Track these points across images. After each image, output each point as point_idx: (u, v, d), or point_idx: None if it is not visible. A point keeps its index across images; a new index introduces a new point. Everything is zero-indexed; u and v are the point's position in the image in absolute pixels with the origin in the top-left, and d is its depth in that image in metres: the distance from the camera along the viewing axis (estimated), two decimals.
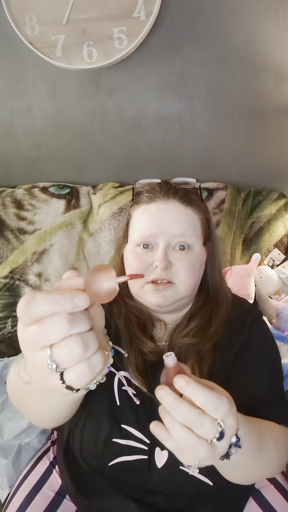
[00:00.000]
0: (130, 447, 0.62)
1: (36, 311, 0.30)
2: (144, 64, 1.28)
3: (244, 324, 0.69)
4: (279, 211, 1.30)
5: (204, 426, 0.37)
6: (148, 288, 0.63)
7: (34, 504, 0.69)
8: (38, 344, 0.31)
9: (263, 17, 1.19)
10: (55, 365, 0.31)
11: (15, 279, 1.26)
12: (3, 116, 1.42)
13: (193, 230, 0.64)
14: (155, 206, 0.65)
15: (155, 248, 0.63)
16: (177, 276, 0.62)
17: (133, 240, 0.66)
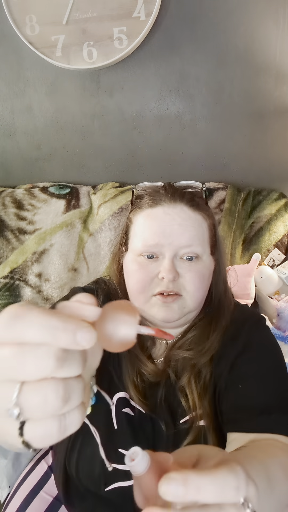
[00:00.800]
0: (128, 472, 0.58)
1: (22, 331, 0.22)
2: (144, 64, 1.28)
3: (243, 328, 0.64)
4: (279, 211, 1.30)
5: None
6: (155, 301, 0.58)
7: (31, 508, 0.68)
8: (6, 374, 0.23)
9: (263, 17, 1.19)
10: (18, 411, 0.22)
11: (15, 279, 1.26)
12: (3, 116, 1.42)
13: (202, 238, 0.60)
14: (160, 210, 0.59)
15: (160, 257, 0.58)
16: (185, 288, 0.57)
17: (135, 249, 0.60)
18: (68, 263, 1.28)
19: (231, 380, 0.60)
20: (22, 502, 0.69)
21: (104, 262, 1.29)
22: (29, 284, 1.26)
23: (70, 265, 1.28)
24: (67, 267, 1.27)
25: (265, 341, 0.65)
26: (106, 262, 1.29)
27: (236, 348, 0.62)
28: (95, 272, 1.29)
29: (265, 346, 0.64)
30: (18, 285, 1.26)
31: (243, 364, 0.61)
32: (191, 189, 0.63)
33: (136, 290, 0.59)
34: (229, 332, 0.64)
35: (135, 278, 0.59)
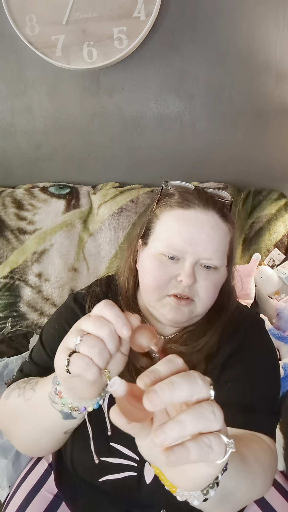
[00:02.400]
0: (119, 465, 0.61)
1: (103, 313, 0.40)
2: (144, 64, 1.28)
3: (240, 329, 0.66)
4: (279, 211, 1.30)
5: (215, 411, 0.31)
6: (168, 301, 0.59)
7: (32, 506, 0.69)
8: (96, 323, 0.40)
9: (263, 17, 1.18)
10: (79, 341, 0.39)
11: (15, 279, 1.26)
12: (3, 116, 1.42)
13: (223, 251, 0.61)
14: (193, 214, 0.59)
15: (181, 260, 0.59)
16: (198, 294, 0.59)
17: (158, 247, 0.60)
18: (68, 263, 1.28)
19: (222, 378, 0.61)
20: (23, 500, 0.70)
21: (104, 262, 1.29)
22: (29, 284, 1.26)
23: (70, 265, 1.28)
24: (67, 267, 1.27)
25: (260, 344, 0.66)
26: (106, 262, 1.29)
27: (231, 347, 0.63)
28: (95, 272, 1.29)
29: (259, 349, 0.65)
30: (18, 285, 1.26)
31: (235, 364, 0.62)
32: (221, 198, 0.64)
33: (152, 287, 0.60)
34: (226, 332, 0.65)
35: (153, 275, 0.60)
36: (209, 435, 0.31)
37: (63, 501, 0.71)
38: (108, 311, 0.40)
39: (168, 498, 0.60)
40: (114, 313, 0.40)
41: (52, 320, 0.71)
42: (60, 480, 0.72)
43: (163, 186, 0.65)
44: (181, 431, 0.30)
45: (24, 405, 0.55)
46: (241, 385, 0.60)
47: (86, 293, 0.71)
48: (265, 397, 0.61)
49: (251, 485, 0.48)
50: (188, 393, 0.31)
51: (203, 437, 0.31)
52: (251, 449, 0.51)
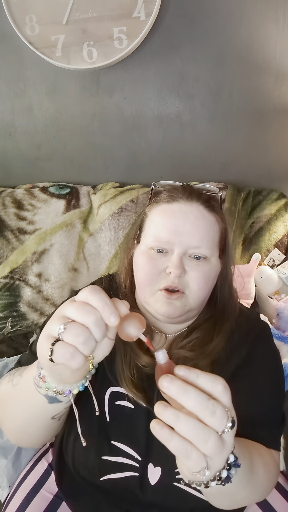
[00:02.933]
0: (120, 464, 0.60)
1: (88, 300, 0.39)
2: (144, 64, 1.28)
3: (247, 338, 0.65)
4: (279, 211, 1.30)
5: (216, 412, 0.34)
6: (159, 296, 0.59)
7: (32, 506, 0.69)
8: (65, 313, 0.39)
9: (263, 17, 1.19)
10: (62, 329, 0.38)
11: (15, 279, 1.26)
12: (3, 116, 1.42)
13: (212, 240, 0.61)
14: (176, 207, 0.61)
15: (170, 253, 0.59)
16: (188, 285, 0.59)
17: (147, 242, 0.62)
18: (68, 263, 1.28)
19: (230, 389, 0.60)
20: (23, 500, 0.70)
21: (104, 262, 1.29)
22: (29, 284, 1.26)
23: (70, 265, 1.28)
24: (67, 267, 1.27)
25: (267, 355, 0.66)
26: (106, 262, 1.29)
27: (239, 358, 0.63)
28: (95, 272, 1.29)
29: (266, 361, 0.65)
30: (18, 285, 1.26)
31: (244, 377, 0.62)
32: (208, 192, 0.65)
33: (143, 282, 0.61)
34: (234, 340, 0.65)
35: (143, 270, 0.61)
36: (194, 449, 0.34)
37: (63, 501, 0.71)
38: (94, 297, 0.38)
39: (172, 500, 0.60)
40: (101, 299, 0.38)
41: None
42: (61, 479, 0.72)
43: (153, 187, 0.67)
44: (182, 395, 0.35)
45: (12, 390, 0.55)
46: (248, 399, 0.59)
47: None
48: (271, 410, 0.61)
49: (253, 492, 0.50)
50: (193, 405, 0.35)
51: (189, 444, 0.34)
52: (263, 458, 0.52)
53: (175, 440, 0.34)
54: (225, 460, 0.37)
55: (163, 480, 0.59)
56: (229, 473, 0.38)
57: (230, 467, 0.38)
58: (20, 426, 0.56)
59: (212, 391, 0.36)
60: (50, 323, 0.39)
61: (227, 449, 0.36)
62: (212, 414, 0.34)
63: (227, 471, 0.38)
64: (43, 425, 0.54)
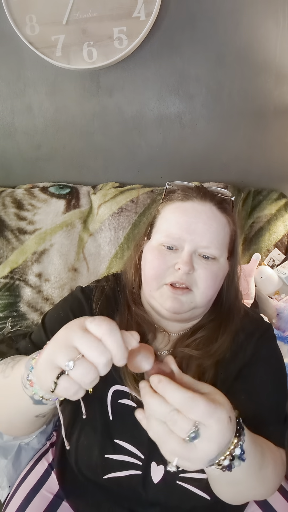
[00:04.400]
0: (123, 462, 0.61)
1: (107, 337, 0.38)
2: (144, 64, 1.28)
3: (252, 338, 0.66)
4: (279, 211, 1.30)
5: (177, 423, 0.37)
6: (165, 291, 0.60)
7: (32, 506, 0.69)
8: (78, 348, 0.38)
9: (263, 17, 1.19)
10: (72, 366, 0.37)
11: (15, 279, 1.26)
12: (3, 116, 1.42)
13: (222, 241, 0.62)
14: (190, 205, 0.62)
15: (180, 250, 0.60)
16: (196, 283, 0.59)
17: (158, 238, 0.63)
18: (68, 263, 1.28)
19: (235, 388, 0.62)
20: (23, 500, 0.70)
21: (104, 262, 1.29)
22: (29, 284, 1.26)
23: (70, 265, 1.28)
24: (67, 267, 1.27)
25: (271, 354, 0.67)
26: (106, 262, 1.29)
27: (244, 357, 0.64)
28: (95, 272, 1.29)
29: (271, 360, 0.66)
30: (18, 285, 1.26)
31: (248, 376, 0.63)
32: (221, 194, 0.66)
33: (151, 276, 0.61)
34: (238, 340, 0.65)
35: (152, 264, 0.61)
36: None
37: (63, 501, 0.71)
38: (111, 338, 0.37)
39: (174, 498, 0.60)
40: (116, 342, 0.37)
41: (58, 306, 0.72)
42: (63, 478, 0.72)
43: (167, 186, 0.69)
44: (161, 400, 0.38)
45: (2, 382, 0.55)
46: (254, 398, 0.60)
47: (94, 287, 0.72)
48: (278, 408, 0.62)
49: (260, 485, 0.50)
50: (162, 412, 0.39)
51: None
52: (272, 454, 0.53)
53: (150, 431, 0.40)
54: (199, 462, 0.39)
55: (166, 478, 0.60)
56: (232, 463, 0.40)
57: (234, 458, 0.40)
58: (6, 418, 0.56)
59: (180, 407, 0.39)
60: (57, 350, 0.38)
61: (199, 457, 0.38)
62: (173, 424, 0.38)
63: (229, 461, 0.40)
64: (28, 421, 0.54)
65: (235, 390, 0.61)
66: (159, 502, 0.62)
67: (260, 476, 0.48)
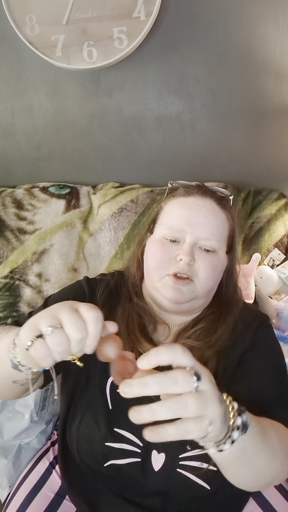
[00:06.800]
0: (123, 450, 0.62)
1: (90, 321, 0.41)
2: (144, 64, 1.28)
3: (250, 328, 0.68)
4: (279, 211, 1.30)
5: (178, 379, 0.36)
6: (167, 281, 0.62)
7: (33, 505, 0.69)
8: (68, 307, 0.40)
9: (263, 17, 1.19)
10: (49, 332, 0.38)
11: (15, 279, 1.26)
12: (3, 116, 1.42)
13: (221, 235, 0.66)
14: (192, 200, 0.66)
15: (181, 242, 0.64)
16: (197, 274, 0.62)
17: (161, 232, 0.66)
18: (68, 263, 1.28)
19: (238, 375, 0.64)
20: (24, 499, 0.70)
21: (104, 262, 1.29)
22: (29, 284, 1.26)
23: (70, 265, 1.28)
24: (67, 267, 1.27)
25: (269, 341, 0.70)
26: (106, 262, 1.29)
27: (243, 345, 0.66)
28: (95, 272, 1.29)
29: (269, 346, 0.69)
30: (18, 285, 1.26)
31: (250, 362, 0.65)
32: (220, 193, 0.71)
33: (153, 266, 0.64)
34: (238, 330, 0.68)
35: (154, 255, 0.65)
36: (185, 421, 0.36)
37: (64, 500, 0.71)
38: (92, 323, 0.40)
39: (174, 487, 0.61)
40: (95, 328, 0.40)
41: (62, 291, 0.74)
42: (66, 470, 0.72)
43: (169, 185, 0.73)
44: (144, 389, 0.36)
45: None
46: (258, 382, 0.62)
47: (99, 280, 0.75)
48: (280, 391, 0.63)
49: (272, 458, 0.49)
50: (159, 390, 0.37)
51: (179, 423, 0.36)
52: (275, 427, 0.53)
53: (171, 429, 0.36)
54: (218, 406, 0.38)
55: (166, 466, 0.61)
56: (244, 421, 0.41)
57: (239, 428, 0.41)
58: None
59: (174, 359, 0.37)
60: (43, 316, 0.40)
61: (212, 397, 0.38)
62: (175, 383, 0.36)
63: (237, 431, 0.41)
64: (6, 384, 0.55)
65: (237, 376, 0.63)
66: (159, 491, 0.63)
67: (266, 443, 0.48)
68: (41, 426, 0.90)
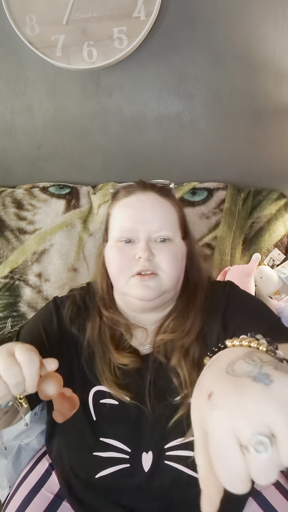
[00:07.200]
0: (112, 459, 0.62)
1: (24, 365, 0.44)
2: (144, 64, 1.28)
3: (219, 294, 0.70)
4: (279, 211, 1.30)
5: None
6: (133, 282, 0.63)
7: (32, 506, 0.69)
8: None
9: (263, 17, 1.19)
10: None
11: (15, 279, 1.26)
12: (3, 116, 1.42)
13: (172, 222, 0.66)
14: (134, 198, 0.67)
15: (136, 241, 0.64)
16: (160, 267, 0.63)
17: (114, 237, 0.66)
18: (68, 263, 1.28)
19: (229, 331, 0.64)
20: (23, 500, 0.70)
21: None
22: (29, 284, 1.26)
23: (70, 265, 1.28)
24: (67, 267, 1.27)
25: (241, 293, 0.72)
26: None
27: (220, 310, 0.67)
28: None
29: (243, 296, 0.72)
30: (18, 285, 1.26)
31: (233, 316, 0.65)
32: (160, 184, 0.71)
33: (116, 272, 0.64)
34: (209, 306, 0.69)
35: (114, 261, 0.65)
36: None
37: (63, 501, 0.71)
38: (27, 367, 0.43)
39: (168, 481, 0.61)
40: (30, 370, 0.44)
41: (33, 317, 0.76)
42: (62, 479, 0.72)
43: (111, 191, 0.73)
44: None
45: None
46: (250, 325, 0.61)
47: (66, 297, 0.75)
48: (272, 325, 0.63)
49: None
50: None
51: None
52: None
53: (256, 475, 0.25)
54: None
55: (155, 462, 0.61)
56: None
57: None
58: None
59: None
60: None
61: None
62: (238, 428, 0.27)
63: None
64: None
65: (229, 333, 0.63)
66: (155, 492, 0.62)
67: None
68: (41, 427, 0.90)
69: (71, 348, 0.69)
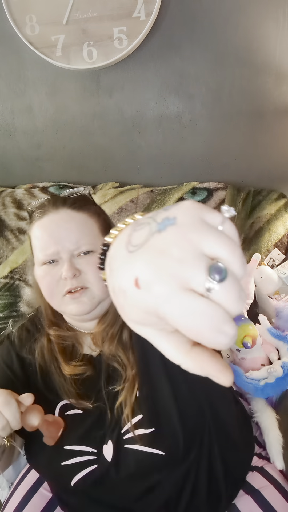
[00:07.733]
0: (80, 464, 0.63)
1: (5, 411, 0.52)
2: (144, 64, 1.28)
3: None
4: (279, 211, 1.30)
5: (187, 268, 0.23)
6: (66, 300, 0.63)
7: (31, 504, 0.69)
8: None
9: (263, 17, 1.18)
10: None
11: (15, 279, 1.26)
12: (3, 116, 1.42)
13: (91, 234, 0.65)
14: (47, 220, 0.65)
15: (61, 261, 0.64)
16: (88, 280, 0.63)
17: (38, 260, 0.65)
18: None
19: None
20: (22, 499, 0.71)
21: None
22: (29, 284, 1.26)
23: None
24: None
25: None
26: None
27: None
28: None
29: None
30: (18, 285, 1.26)
31: None
32: (74, 194, 0.69)
33: (48, 294, 0.65)
34: None
35: (44, 285, 0.65)
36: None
37: None
38: (5, 409, 0.49)
39: (132, 464, 0.61)
40: (10, 412, 0.49)
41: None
42: (51, 488, 0.74)
43: (28, 211, 0.71)
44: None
45: None
46: None
47: (18, 326, 0.78)
48: None
49: None
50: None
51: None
52: None
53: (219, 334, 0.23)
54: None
55: (116, 450, 0.62)
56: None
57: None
58: None
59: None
60: None
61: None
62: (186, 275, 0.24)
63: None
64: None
65: None
66: (127, 482, 0.63)
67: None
68: None
69: (28, 372, 0.71)
